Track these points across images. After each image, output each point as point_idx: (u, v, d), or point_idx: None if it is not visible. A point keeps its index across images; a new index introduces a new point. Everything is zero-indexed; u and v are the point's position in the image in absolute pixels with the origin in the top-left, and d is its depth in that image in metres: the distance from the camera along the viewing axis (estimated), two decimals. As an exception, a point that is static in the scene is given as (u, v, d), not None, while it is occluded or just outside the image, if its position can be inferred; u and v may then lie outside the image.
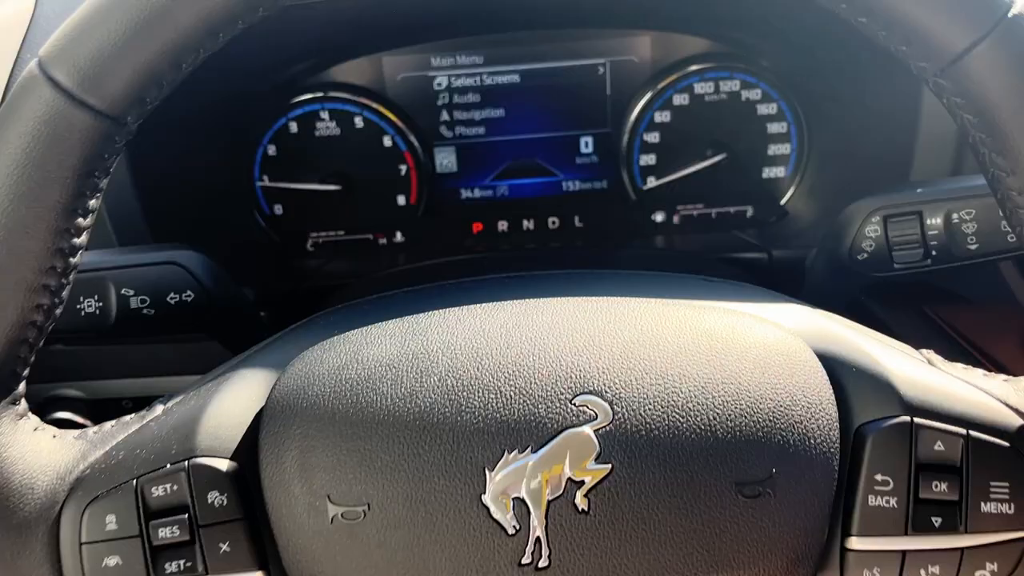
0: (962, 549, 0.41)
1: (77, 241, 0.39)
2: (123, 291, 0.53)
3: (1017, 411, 0.41)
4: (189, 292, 0.55)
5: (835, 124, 0.75)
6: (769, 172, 0.78)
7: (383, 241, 0.79)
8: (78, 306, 0.53)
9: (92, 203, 0.39)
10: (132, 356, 0.57)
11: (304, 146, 0.77)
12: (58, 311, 0.41)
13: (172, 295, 0.54)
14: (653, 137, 0.77)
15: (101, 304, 0.53)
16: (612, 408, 0.39)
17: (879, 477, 0.41)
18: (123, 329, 0.53)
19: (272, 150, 0.76)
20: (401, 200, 0.79)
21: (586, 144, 0.79)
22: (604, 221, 0.79)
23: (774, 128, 0.77)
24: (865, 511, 0.41)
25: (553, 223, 0.79)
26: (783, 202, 0.78)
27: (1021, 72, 0.37)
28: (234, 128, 0.75)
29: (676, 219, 0.79)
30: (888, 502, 0.41)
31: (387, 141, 0.77)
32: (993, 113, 0.38)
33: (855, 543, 0.41)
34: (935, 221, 0.52)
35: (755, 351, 0.41)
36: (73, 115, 0.37)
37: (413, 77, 0.75)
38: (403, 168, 0.78)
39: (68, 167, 0.38)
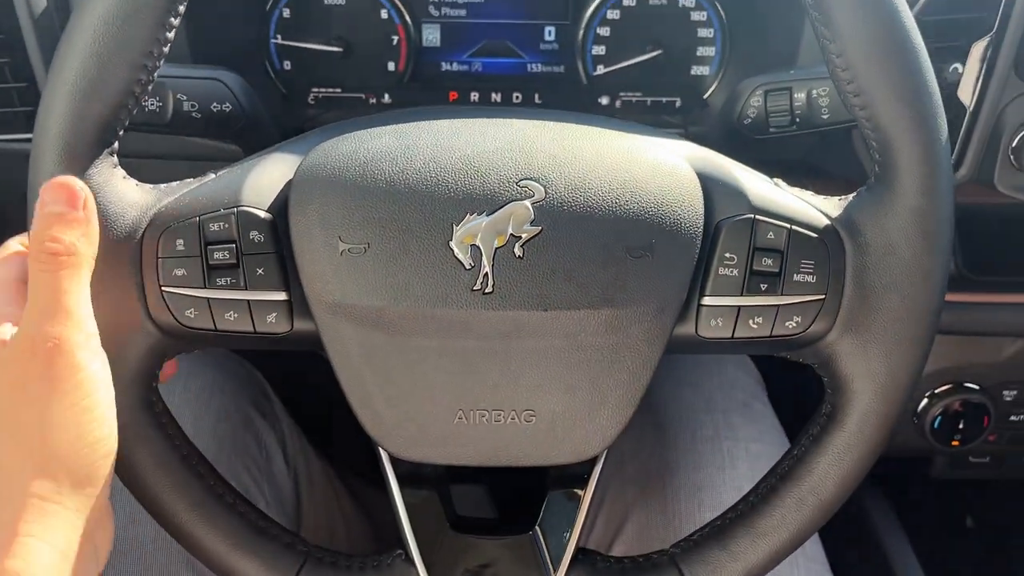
0: (778, 306, 0.55)
1: (169, 34, 0.51)
2: (178, 96, 0.67)
3: (827, 215, 0.55)
4: (228, 104, 0.69)
5: (751, 33, 0.89)
6: (696, 70, 0.92)
7: (373, 100, 0.91)
8: (144, 103, 0.67)
9: (181, 7, 0.51)
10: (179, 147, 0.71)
11: (313, 12, 0.88)
12: (149, 87, 0.54)
13: (215, 104, 0.68)
14: (604, 31, 0.90)
15: (161, 104, 0.67)
16: (546, 190, 0.52)
17: (727, 255, 0.54)
18: (175, 125, 0.68)
19: (287, 13, 0.88)
20: (391, 66, 0.91)
21: (549, 33, 0.92)
22: (559, 100, 0.92)
23: (703, 33, 0.90)
24: (716, 278, 0.55)
25: (516, 98, 0.92)
26: (706, 96, 0.93)
27: None
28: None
29: (618, 103, 0.93)
30: (732, 272, 0.54)
31: (384, 14, 0.89)
32: None
33: (707, 300, 0.55)
34: (800, 96, 0.68)
35: (649, 161, 0.54)
36: None
37: (411, -40, 0.89)
38: (395, 39, 0.90)
39: None
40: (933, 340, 0.56)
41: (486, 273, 0.53)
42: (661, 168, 0.55)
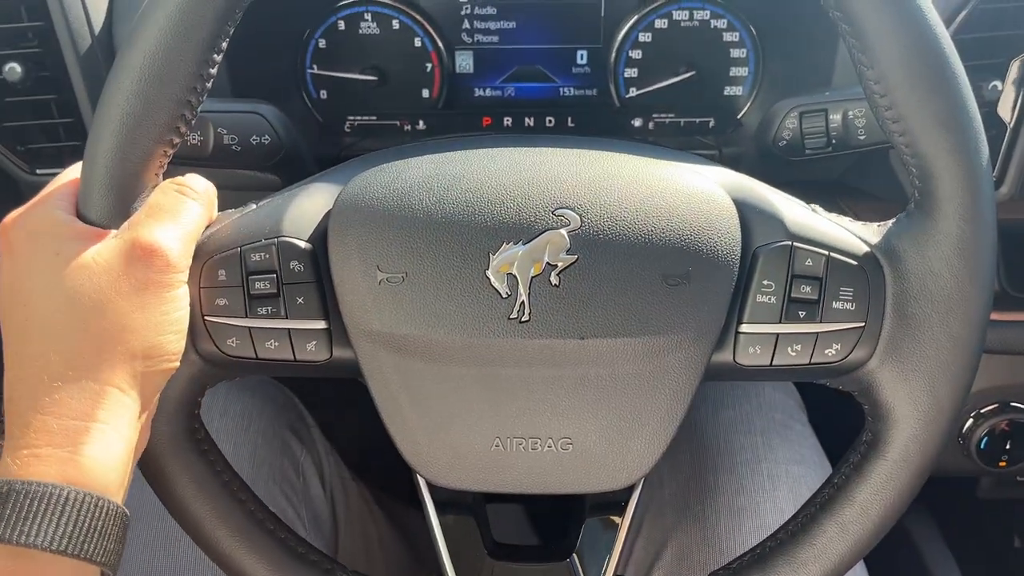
0: (817, 333, 0.55)
1: (212, 71, 0.52)
2: (219, 130, 0.68)
3: (867, 242, 0.55)
4: (267, 136, 0.70)
5: (784, 53, 0.89)
6: (729, 90, 0.92)
7: (408, 127, 0.93)
8: (186, 138, 0.68)
9: (223, 44, 0.53)
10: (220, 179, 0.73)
11: (348, 42, 0.90)
12: (193, 122, 0.56)
13: (255, 137, 0.70)
14: (636, 54, 0.91)
15: (202, 138, 0.68)
16: (582, 218, 0.53)
17: (765, 282, 0.54)
18: (217, 158, 0.69)
19: (322, 43, 0.90)
20: (425, 93, 0.92)
21: (581, 56, 0.93)
22: (592, 123, 0.92)
23: (735, 53, 0.90)
24: (754, 305, 0.55)
25: (549, 122, 0.93)
26: (739, 116, 0.93)
27: None
28: (292, 23, 0.89)
29: (651, 125, 0.93)
30: (770, 299, 0.54)
31: (417, 42, 0.90)
32: (860, 23, 0.50)
33: (745, 328, 0.55)
34: (836, 117, 0.68)
35: (685, 188, 0.55)
36: None
37: (443, -11, 0.90)
38: (428, 66, 0.91)
39: (216, 10, 0.50)
40: (977, 366, 0.56)
41: (523, 302, 0.53)
42: (697, 195, 0.55)
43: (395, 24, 0.90)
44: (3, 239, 0.52)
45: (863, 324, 0.55)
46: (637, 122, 0.94)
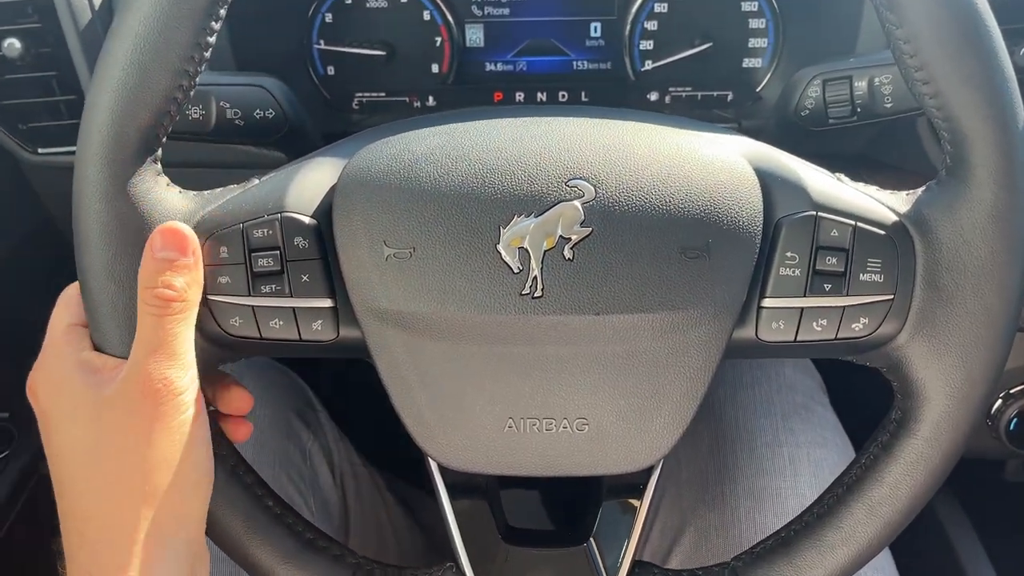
0: (844, 307, 0.52)
1: (210, 39, 0.50)
2: (221, 103, 0.66)
3: (895, 211, 0.53)
4: (271, 110, 0.68)
5: (805, 22, 0.86)
6: (748, 63, 0.89)
7: (417, 104, 0.91)
8: (187, 112, 0.67)
9: (222, 11, 0.51)
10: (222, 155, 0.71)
11: (356, 16, 0.87)
12: (192, 93, 0.54)
13: (258, 111, 0.68)
14: (652, 25, 0.88)
15: (204, 112, 0.67)
16: (596, 189, 0.51)
17: (789, 254, 0.52)
18: (219, 133, 0.67)
19: (329, 18, 0.88)
20: (435, 68, 0.90)
21: (595, 29, 0.90)
22: (606, 97, 0.90)
23: (754, 24, 0.87)
24: (777, 279, 0.52)
25: (563, 96, 0.91)
26: (759, 89, 0.90)
27: None
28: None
29: (668, 99, 0.91)
30: (794, 272, 0.52)
31: (426, 15, 0.88)
32: None
33: (768, 302, 0.53)
34: (861, 84, 0.65)
35: (704, 157, 0.52)
36: None
37: (452, -39, 0.88)
38: (438, 40, 0.89)
39: None
40: (1012, 340, 0.53)
41: (535, 277, 0.51)
42: (716, 164, 0.53)
43: (403, -3, 0.87)
44: (34, 403, 0.53)
45: (892, 296, 0.53)
46: (653, 96, 0.91)
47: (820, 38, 0.85)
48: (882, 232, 0.52)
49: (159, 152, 0.53)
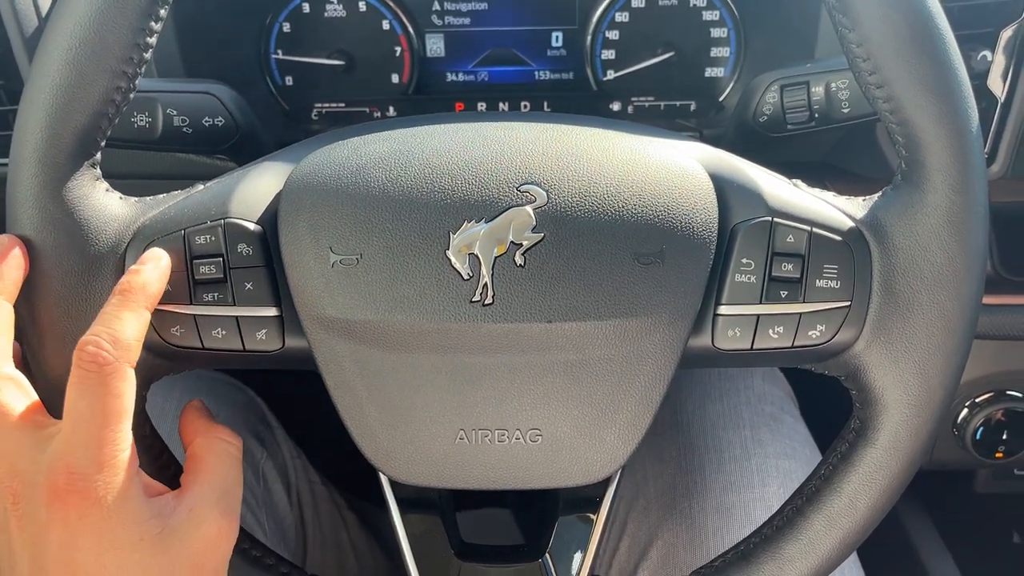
0: (800, 314, 0.51)
1: (150, 40, 0.49)
2: (168, 111, 0.65)
3: (852, 217, 0.52)
4: (220, 119, 0.67)
5: (766, 30, 0.86)
6: (711, 72, 0.89)
7: (377, 114, 0.90)
8: (132, 119, 0.65)
9: (162, 12, 0.49)
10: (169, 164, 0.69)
11: (314, 25, 0.86)
12: (131, 96, 0.52)
13: (207, 119, 0.66)
14: (613, 35, 0.87)
15: (150, 120, 0.65)
16: (548, 194, 0.50)
17: (744, 260, 0.51)
18: (166, 141, 0.66)
19: (287, 27, 0.86)
20: (395, 79, 0.89)
21: (556, 38, 0.89)
22: (569, 107, 0.90)
23: (716, 33, 0.87)
24: (732, 285, 0.51)
25: (525, 106, 0.90)
26: (721, 98, 0.90)
27: None
28: (254, 6, 0.85)
29: (630, 109, 0.90)
30: (749, 279, 0.51)
31: (385, 25, 0.87)
32: None
33: (724, 309, 0.52)
34: (818, 89, 0.65)
35: (658, 162, 0.51)
36: None
37: (411, -30, 0.87)
38: (397, 50, 0.88)
39: None
40: (970, 347, 0.53)
41: (485, 284, 0.50)
42: (671, 169, 0.52)
43: (362, 6, 0.87)
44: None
45: (848, 303, 0.52)
46: (616, 106, 0.90)
47: (781, 45, 0.85)
48: (838, 238, 0.52)
49: (98, 156, 0.52)
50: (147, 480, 0.50)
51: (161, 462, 0.56)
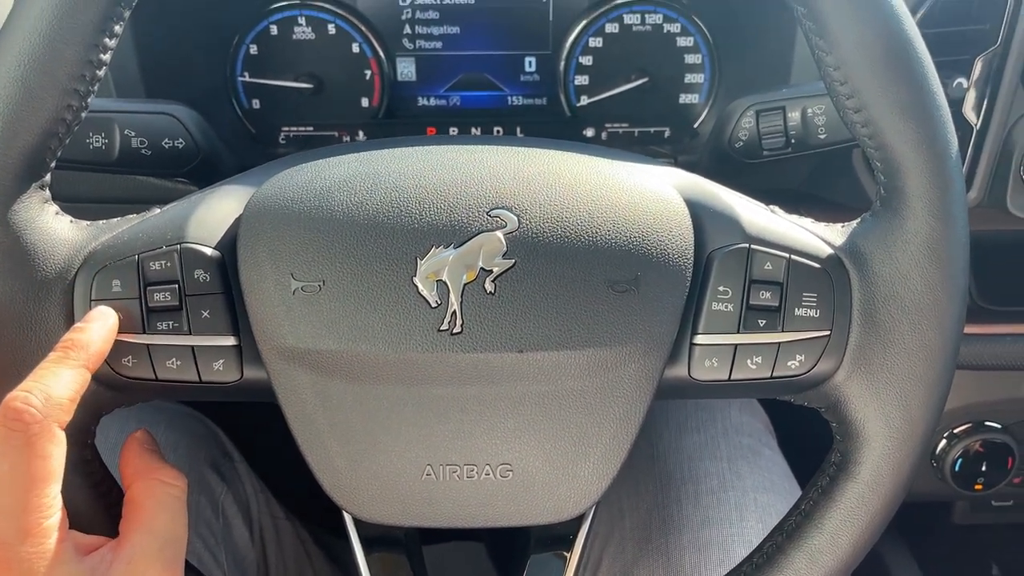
0: (779, 344, 0.50)
1: (103, 57, 0.47)
2: (126, 132, 0.62)
3: (830, 244, 0.51)
4: (181, 140, 0.65)
5: (741, 56, 0.85)
6: (685, 98, 0.88)
7: (347, 139, 0.88)
8: (87, 140, 0.62)
9: (117, 28, 0.47)
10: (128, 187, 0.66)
11: (282, 47, 0.84)
12: (83, 115, 0.50)
13: (167, 140, 0.64)
14: (587, 60, 0.87)
15: (107, 141, 0.62)
16: (519, 219, 0.48)
17: (721, 288, 0.50)
18: (124, 163, 0.63)
19: (254, 49, 0.85)
20: (365, 102, 0.88)
21: (530, 64, 0.89)
22: (542, 133, 0.88)
23: (691, 59, 0.86)
24: (709, 314, 0.50)
25: (497, 131, 0.88)
26: (696, 124, 0.89)
27: None
28: (221, 27, 0.83)
29: (604, 135, 0.89)
30: (727, 307, 0.50)
31: (355, 48, 0.85)
32: (817, 2, 0.46)
33: (700, 339, 0.50)
34: (794, 115, 0.64)
35: (633, 188, 0.50)
36: None
37: (382, -8, 0.86)
38: (368, 73, 0.87)
39: None
40: (952, 377, 0.51)
41: (454, 311, 0.48)
42: (646, 195, 0.50)
43: (331, 29, 0.85)
44: None
45: (828, 332, 0.50)
46: (589, 132, 0.89)
47: (755, 71, 0.84)
48: (817, 265, 0.50)
49: (47, 178, 0.50)
50: (80, 540, 0.47)
51: (109, 500, 0.53)
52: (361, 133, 0.88)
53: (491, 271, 0.48)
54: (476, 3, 0.86)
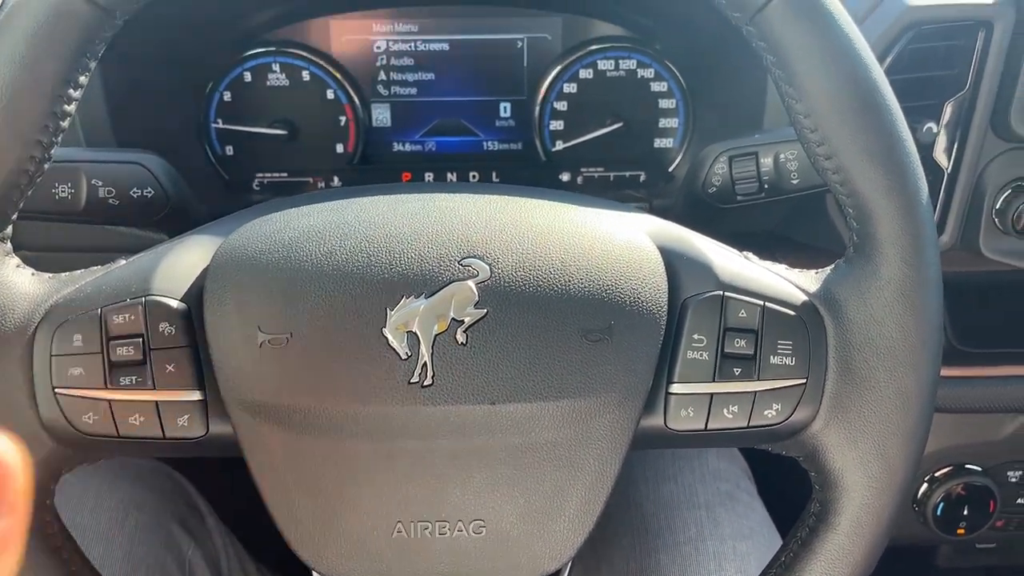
0: (755, 392, 0.49)
1: (68, 108, 0.46)
2: (93, 181, 0.62)
3: (804, 290, 0.51)
4: (150, 190, 0.64)
5: (715, 100, 0.86)
6: (660, 142, 0.88)
7: (321, 185, 0.88)
8: (53, 190, 0.61)
9: (82, 79, 0.47)
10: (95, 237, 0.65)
11: (255, 94, 0.84)
12: (45, 166, 0.49)
13: (135, 190, 0.63)
14: (562, 106, 0.87)
15: (73, 191, 0.61)
16: (491, 268, 0.47)
17: (696, 336, 0.49)
18: (91, 213, 0.62)
19: (227, 96, 0.85)
20: (339, 148, 0.87)
21: (505, 109, 0.89)
22: (518, 178, 0.88)
23: (665, 104, 0.87)
24: (684, 362, 0.49)
25: (473, 177, 0.88)
26: (671, 169, 0.89)
27: (804, 20, 0.46)
28: (194, 74, 0.83)
29: (580, 179, 0.89)
30: (702, 355, 0.49)
31: (330, 94, 0.85)
32: (785, 51, 0.47)
33: (676, 388, 0.49)
34: (767, 160, 0.64)
35: (606, 235, 0.50)
36: (76, 3, 0.45)
37: (356, 40, 0.85)
38: (342, 120, 0.87)
39: (68, 44, 0.45)
40: (930, 423, 0.51)
41: (425, 363, 0.47)
42: (619, 242, 0.50)
43: (305, 75, 0.85)
44: None
45: (804, 381, 0.50)
46: (565, 176, 0.89)
47: (729, 116, 0.85)
48: (792, 312, 0.50)
49: (8, 230, 0.49)
50: None
51: (70, 567, 0.51)
52: (336, 179, 0.88)
53: (463, 321, 0.47)
54: (451, 49, 0.86)
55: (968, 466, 0.84)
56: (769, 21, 0.47)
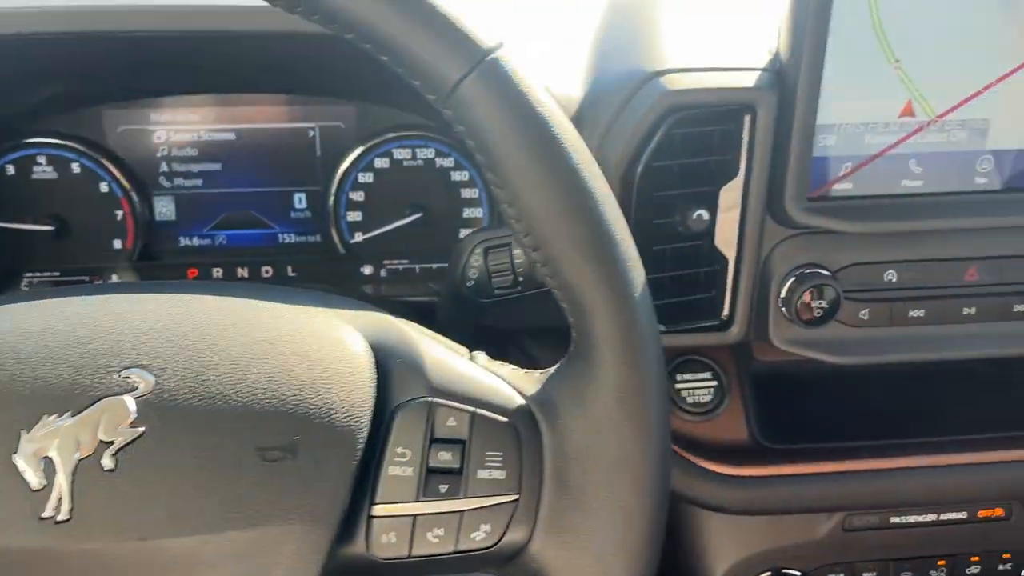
0: (462, 512, 0.44)
1: None
2: None
3: (524, 394, 0.46)
4: None
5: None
6: (464, 233, 0.85)
7: (99, 283, 0.82)
8: None
9: None
10: None
11: (20, 188, 0.79)
12: None
13: None
14: (358, 196, 0.83)
15: None
16: (157, 380, 0.42)
17: (400, 450, 0.45)
18: None
19: (-11, 190, 0.80)
20: (117, 244, 0.82)
21: (300, 200, 0.84)
22: (316, 272, 0.84)
23: (467, 193, 0.84)
24: (387, 480, 0.44)
25: (267, 271, 0.83)
26: (477, 260, 0.86)
27: (500, 100, 0.42)
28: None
29: (383, 272, 0.85)
30: (405, 471, 0.44)
31: (103, 187, 0.80)
32: (484, 135, 0.42)
33: (378, 510, 0.44)
34: (520, 251, 0.60)
35: (307, 337, 0.45)
36: None
37: (132, 130, 0.80)
38: (119, 214, 0.81)
39: None
40: (660, 538, 0.45)
41: (61, 495, 0.40)
42: (320, 344, 0.45)
43: (75, 167, 0.80)
44: None
45: (516, 497, 0.45)
46: (367, 270, 0.85)
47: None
48: (503, 419, 0.45)
49: None
50: None
51: None
52: (115, 277, 0.82)
53: (112, 442, 0.41)
54: (237, 138, 0.82)
55: (785, 571, 0.79)
56: (462, 103, 0.43)
